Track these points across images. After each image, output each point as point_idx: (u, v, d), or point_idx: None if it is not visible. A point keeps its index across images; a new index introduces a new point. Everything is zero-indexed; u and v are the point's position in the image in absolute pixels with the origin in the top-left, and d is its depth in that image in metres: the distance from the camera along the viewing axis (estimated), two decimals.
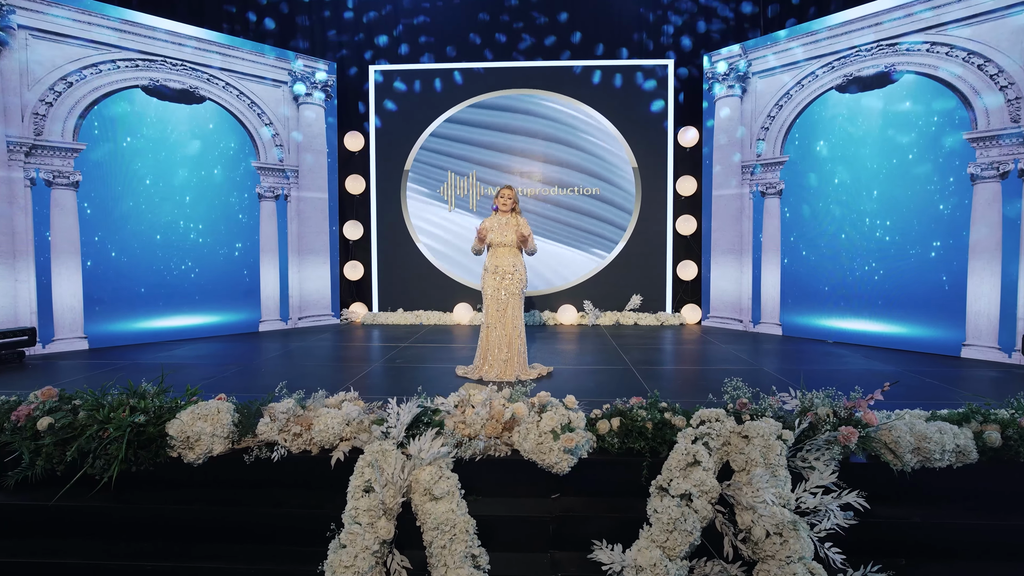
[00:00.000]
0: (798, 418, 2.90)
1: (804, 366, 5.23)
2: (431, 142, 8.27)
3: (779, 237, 6.98)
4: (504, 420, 3.04)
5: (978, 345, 5.46)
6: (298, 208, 7.78)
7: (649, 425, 2.95)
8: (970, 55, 5.39)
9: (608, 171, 8.13)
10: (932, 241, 5.75)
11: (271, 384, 4.52)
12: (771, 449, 2.72)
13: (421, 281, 8.41)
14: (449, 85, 8.22)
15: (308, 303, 7.93)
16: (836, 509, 2.58)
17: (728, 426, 2.86)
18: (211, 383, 4.59)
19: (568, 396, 3.03)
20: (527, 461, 2.88)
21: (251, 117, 7.31)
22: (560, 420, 2.90)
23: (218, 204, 7.10)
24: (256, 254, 7.45)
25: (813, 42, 6.54)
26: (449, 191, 8.30)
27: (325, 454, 2.92)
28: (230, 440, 2.97)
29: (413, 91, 8.26)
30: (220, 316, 7.14)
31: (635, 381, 4.67)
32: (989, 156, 5.32)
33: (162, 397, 3.10)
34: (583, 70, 8.08)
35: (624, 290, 8.22)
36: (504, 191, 4.81)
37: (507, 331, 4.72)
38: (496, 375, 4.67)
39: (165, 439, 2.88)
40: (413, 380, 4.67)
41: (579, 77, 8.09)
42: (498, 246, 4.74)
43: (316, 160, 7.91)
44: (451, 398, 3.29)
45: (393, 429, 2.89)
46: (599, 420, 3.05)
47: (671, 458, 2.74)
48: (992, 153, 5.31)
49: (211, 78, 6.94)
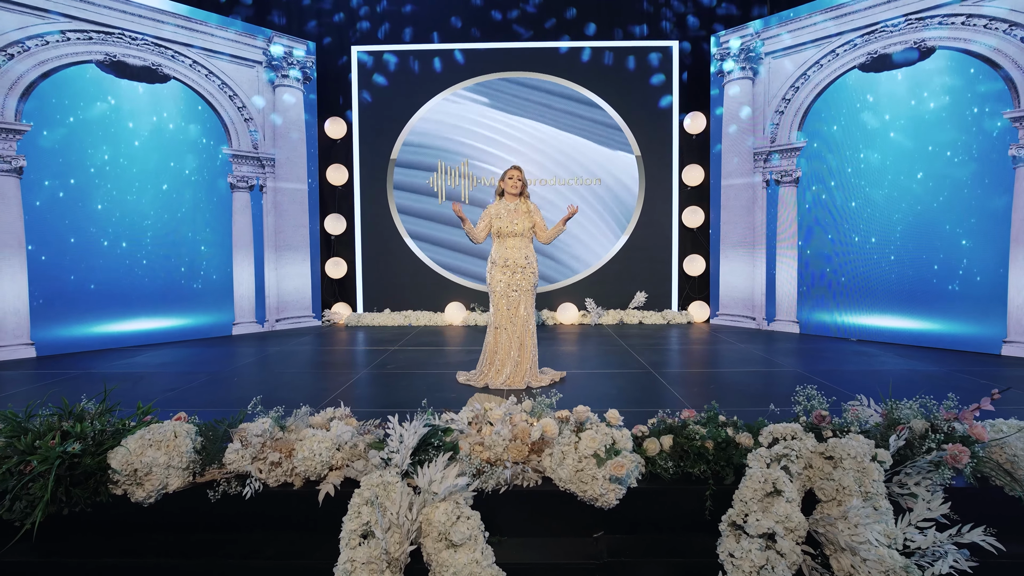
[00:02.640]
0: (892, 434, 2.39)
1: (838, 367, 4.75)
2: (419, 129, 7.67)
3: (796, 229, 6.53)
4: (531, 440, 2.49)
5: (1021, 342, 5.04)
6: (275, 200, 7.13)
7: (709, 445, 2.42)
8: (1012, 27, 4.97)
9: (610, 160, 7.61)
10: (968, 230, 5.33)
11: (244, 397, 3.91)
12: (867, 474, 2.21)
13: (409, 279, 7.81)
14: (439, 68, 7.63)
15: (286, 303, 7.29)
16: (952, 548, 2.08)
17: (809, 445, 2.34)
18: (173, 396, 3.96)
19: (610, 411, 2.48)
20: (563, 492, 2.33)
21: (222, 99, 6.65)
22: (603, 441, 2.35)
23: (186, 194, 6.42)
24: (228, 250, 6.79)
25: (834, 18, 6.09)
26: (439, 181, 7.72)
27: (311, 487, 2.34)
28: (190, 472, 2.37)
29: (400, 74, 7.66)
30: (188, 318, 6.47)
31: (659, 387, 4.14)
32: None
33: (105, 418, 2.49)
34: (583, 52, 7.55)
35: (627, 287, 7.71)
36: (512, 172, 4.25)
37: (518, 332, 4.17)
38: (504, 381, 4.12)
39: (107, 473, 2.27)
40: (409, 389, 4.09)
41: (579, 60, 7.56)
42: (508, 236, 4.18)
43: (294, 148, 7.27)
44: (463, 413, 2.73)
45: (396, 455, 2.33)
46: (646, 439, 2.52)
47: (744, 487, 2.21)
48: None
49: (176, 55, 6.27)
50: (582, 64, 7.56)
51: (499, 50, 7.60)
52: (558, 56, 7.57)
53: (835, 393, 3.88)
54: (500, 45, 7.60)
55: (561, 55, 7.57)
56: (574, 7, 7.59)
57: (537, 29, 7.64)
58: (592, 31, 7.62)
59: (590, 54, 7.55)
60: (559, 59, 7.57)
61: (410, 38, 7.68)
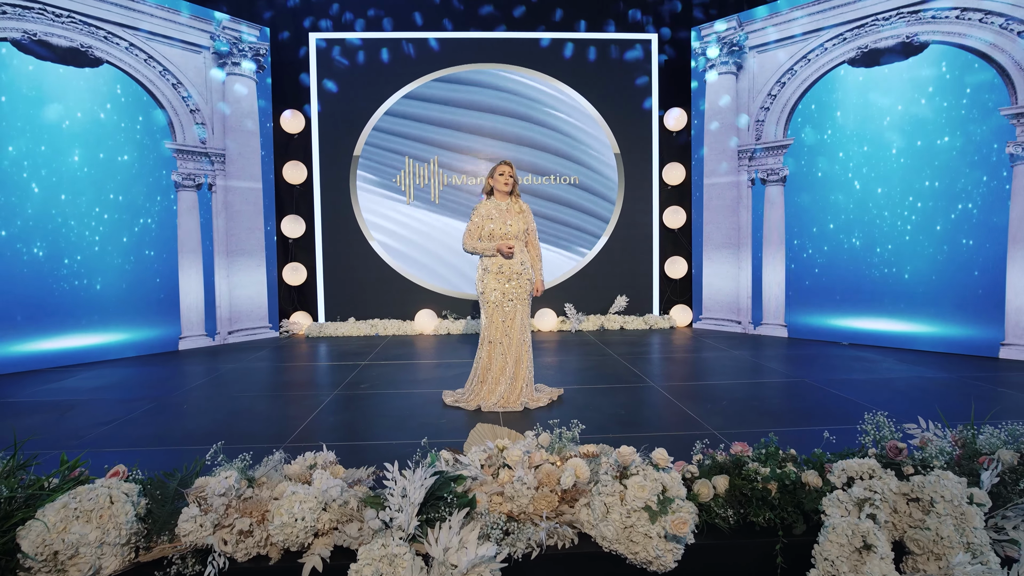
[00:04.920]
0: (972, 467, 2.07)
1: (846, 375, 4.50)
2: (385, 123, 7.13)
3: (783, 229, 6.31)
4: (562, 488, 2.06)
5: (1020, 344, 4.92)
6: (226, 200, 6.47)
7: (772, 487, 2.04)
8: (1008, 21, 4.84)
9: (588, 157, 7.25)
10: (963, 229, 5.19)
11: (197, 431, 3.32)
12: (967, 520, 1.87)
13: (375, 285, 7.25)
14: (405, 58, 7.11)
15: (240, 314, 6.63)
16: None
17: (892, 486, 1.98)
18: (108, 432, 3.34)
19: (657, 451, 2.07)
20: (607, 554, 1.91)
21: (163, 87, 5.95)
22: (652, 488, 1.94)
23: (123, 193, 5.70)
24: (173, 256, 6.09)
25: (820, 11, 5.89)
26: (407, 180, 7.19)
27: (292, 560, 1.85)
28: (132, 548, 1.84)
29: (364, 63, 7.09)
30: (128, 333, 5.75)
31: (668, 404, 3.78)
32: None
33: (15, 479, 1.93)
34: (558, 44, 7.17)
35: (607, 291, 7.37)
36: (503, 167, 3.81)
37: (513, 346, 3.73)
38: (498, 402, 3.67)
39: (15, 558, 1.72)
40: (390, 415, 3.59)
41: (554, 52, 7.17)
42: (501, 238, 3.73)
43: (247, 143, 6.61)
44: (474, 454, 2.27)
45: (399, 515, 1.86)
46: (696, 480, 2.12)
47: (827, 541, 1.84)
48: None
49: (109, 36, 5.55)
50: (559, 57, 7.18)
51: (470, 40, 7.14)
52: (534, 48, 7.16)
53: (853, 406, 3.60)
54: (471, 35, 7.14)
55: (536, 47, 7.16)
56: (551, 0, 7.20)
57: (510, 19, 7.21)
58: (571, 24, 7.23)
59: (567, 47, 7.17)
60: (535, 51, 7.16)
61: (376, 25, 7.13)
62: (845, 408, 3.62)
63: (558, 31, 7.19)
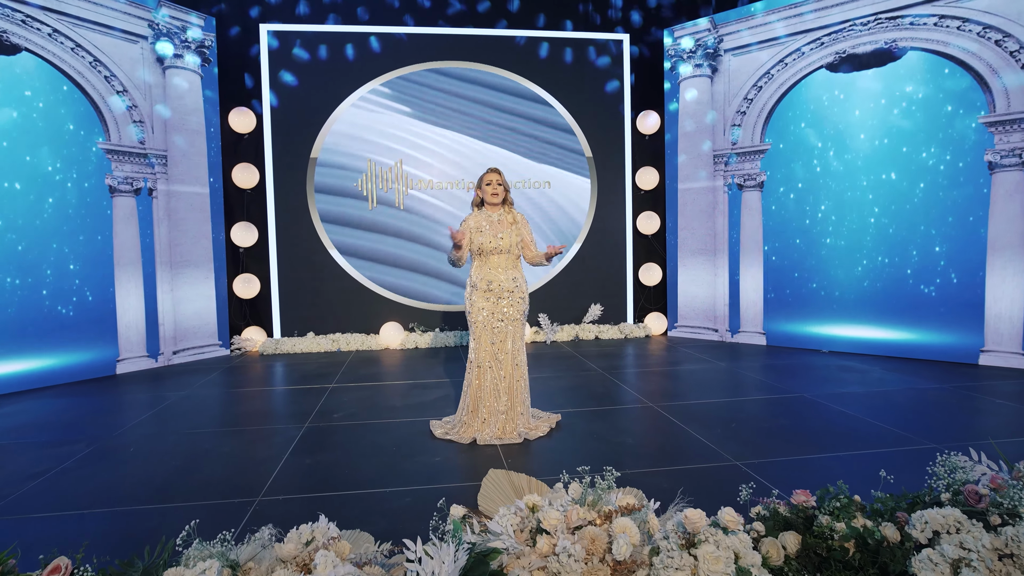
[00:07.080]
0: None
1: (841, 389, 4.39)
2: (346, 122, 6.64)
3: (761, 235, 6.21)
4: (616, 559, 1.74)
5: (999, 351, 4.95)
6: (168, 206, 5.85)
7: (850, 546, 1.79)
8: (986, 29, 4.85)
9: (560, 161, 6.98)
10: (942, 236, 5.19)
11: (149, 480, 2.78)
12: None
13: (336, 297, 6.75)
14: (365, 54, 6.64)
15: (186, 331, 6.01)
16: None
17: (985, 541, 1.76)
18: (38, 490, 2.81)
19: (725, 511, 1.79)
20: None
21: (94, 80, 5.30)
22: (727, 558, 1.65)
23: (47, 198, 5.03)
24: (109, 268, 5.44)
25: (798, 15, 5.81)
26: (369, 185, 6.73)
27: None
28: None
29: (323, 58, 6.58)
30: (55, 357, 5.08)
31: (674, 429, 3.53)
32: (1010, 142, 4.81)
33: None
34: (528, 43, 6.86)
35: (581, 299, 7.12)
36: (490, 176, 3.47)
37: (506, 372, 3.39)
38: (494, 433, 3.33)
39: None
40: (375, 455, 3.19)
41: (523, 52, 6.86)
42: (491, 253, 3.38)
43: (191, 143, 6.01)
44: (503, 517, 1.92)
45: None
46: (763, 539, 1.85)
47: None
48: (1014, 138, 4.80)
49: (28, 20, 4.88)
50: (525, 56, 6.87)
51: (433, 37, 6.74)
52: (504, 47, 6.83)
53: (863, 425, 3.45)
54: (434, 31, 6.74)
55: (506, 46, 6.83)
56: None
57: (476, 16, 6.86)
58: (536, 22, 6.95)
59: (533, 46, 6.88)
60: (505, 50, 6.84)
61: (330, 20, 6.63)
62: (855, 427, 3.47)
63: (530, 29, 6.89)
